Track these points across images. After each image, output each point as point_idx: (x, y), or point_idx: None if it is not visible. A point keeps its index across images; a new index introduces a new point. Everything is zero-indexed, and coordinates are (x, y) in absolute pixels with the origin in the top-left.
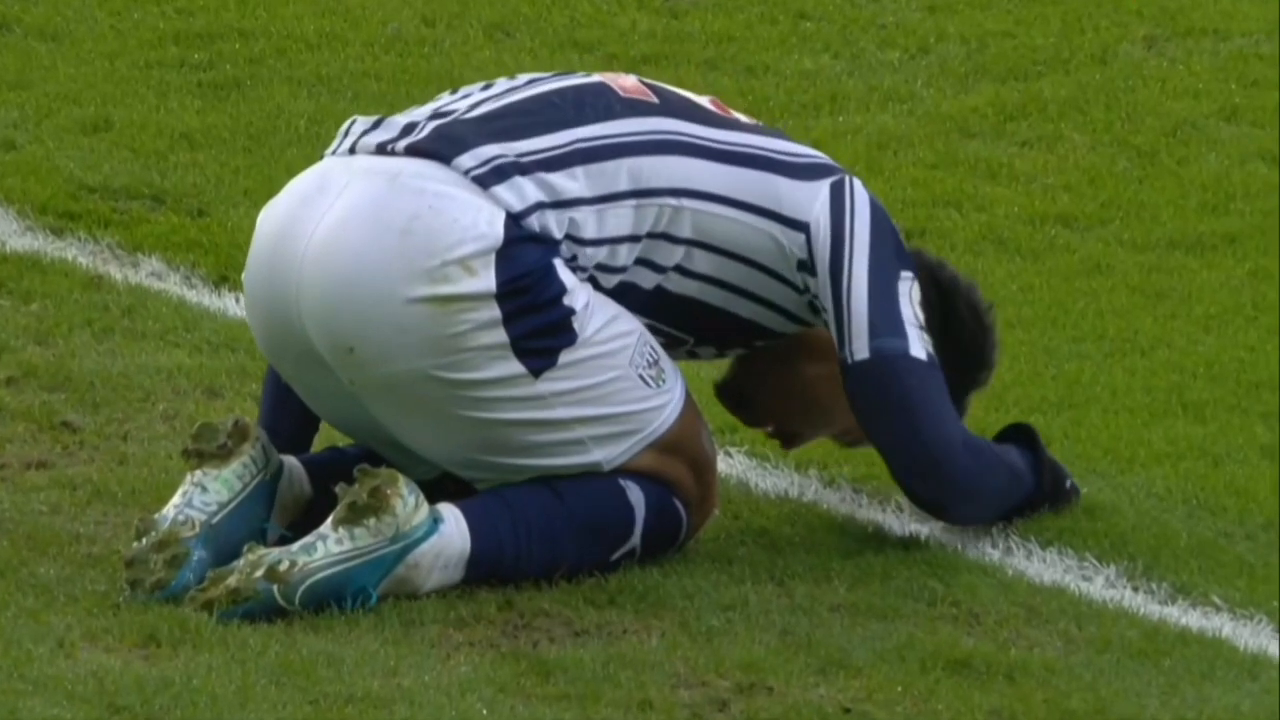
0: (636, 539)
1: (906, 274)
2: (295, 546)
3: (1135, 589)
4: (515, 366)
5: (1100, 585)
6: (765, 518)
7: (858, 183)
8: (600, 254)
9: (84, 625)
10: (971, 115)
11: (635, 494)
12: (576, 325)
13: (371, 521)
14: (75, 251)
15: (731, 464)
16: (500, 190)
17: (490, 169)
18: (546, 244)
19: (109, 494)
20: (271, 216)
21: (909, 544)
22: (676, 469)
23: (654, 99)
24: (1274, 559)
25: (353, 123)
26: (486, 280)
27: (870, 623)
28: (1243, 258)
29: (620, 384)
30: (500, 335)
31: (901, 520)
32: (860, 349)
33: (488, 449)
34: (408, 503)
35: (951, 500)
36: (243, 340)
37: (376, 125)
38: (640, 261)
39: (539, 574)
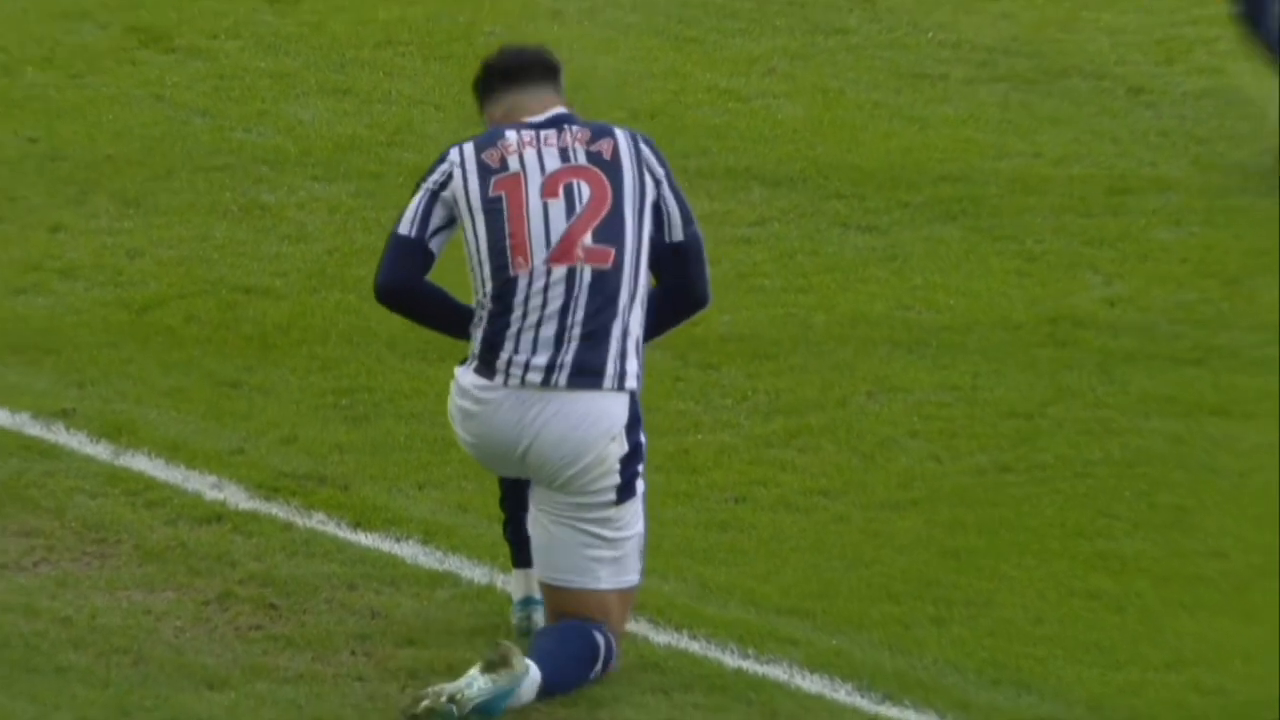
0: (600, 667)
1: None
2: (462, 683)
3: None
4: (610, 495)
5: None
6: None
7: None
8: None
9: None
10: None
11: (601, 639)
12: (638, 487)
13: (504, 671)
14: None
15: None
16: (628, 382)
17: (618, 376)
18: (639, 408)
19: None
20: (495, 418)
21: None
22: (624, 621)
23: (610, 265)
24: None
25: (510, 363)
26: (621, 445)
27: None
28: None
29: (636, 543)
30: (614, 472)
31: None
32: (678, 234)
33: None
34: (522, 661)
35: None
36: None
37: (528, 368)
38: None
39: (568, 691)
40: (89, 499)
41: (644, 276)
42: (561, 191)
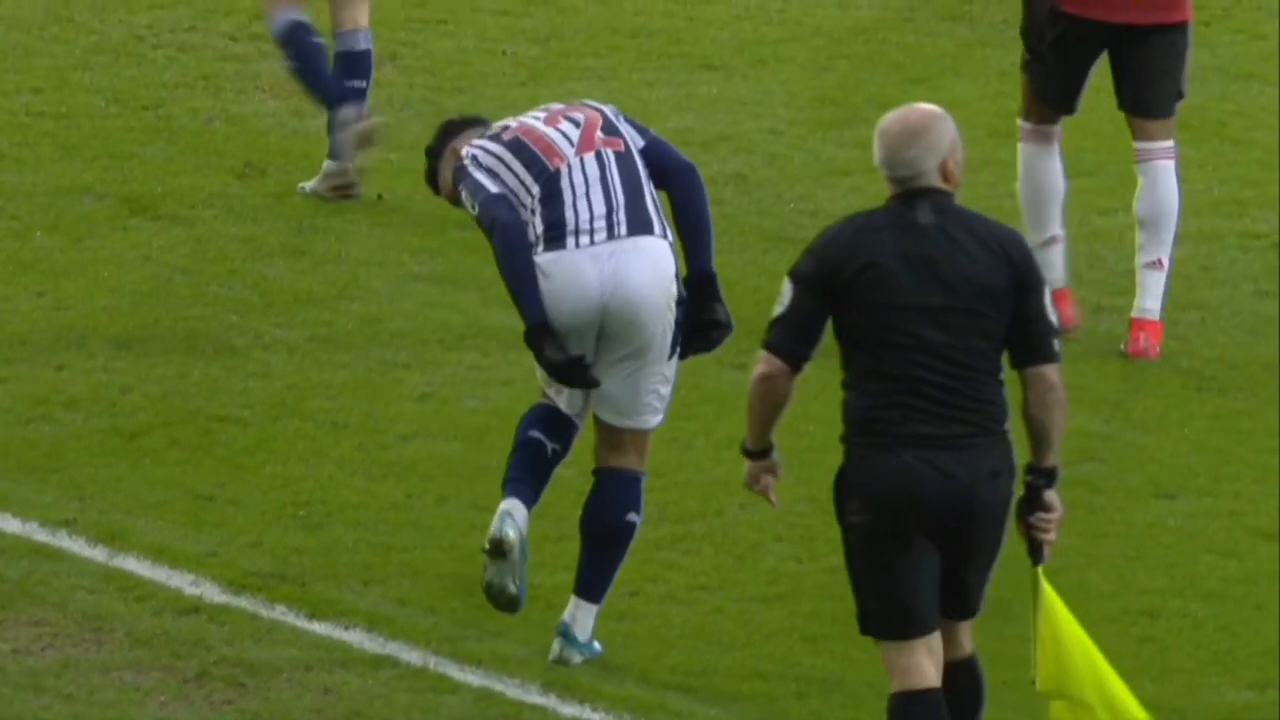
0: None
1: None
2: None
3: None
4: (670, 345)
5: None
6: None
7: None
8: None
9: None
10: None
11: (635, 516)
12: (678, 342)
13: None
14: None
15: None
16: (669, 235)
17: (665, 229)
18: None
19: None
20: (575, 279)
21: None
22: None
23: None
24: None
25: (576, 230)
26: (678, 288)
27: None
28: None
29: (668, 398)
30: (671, 321)
31: None
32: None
33: (641, 379)
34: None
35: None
36: None
37: (593, 230)
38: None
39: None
40: (88, 594)
41: (644, 164)
42: (561, 119)
